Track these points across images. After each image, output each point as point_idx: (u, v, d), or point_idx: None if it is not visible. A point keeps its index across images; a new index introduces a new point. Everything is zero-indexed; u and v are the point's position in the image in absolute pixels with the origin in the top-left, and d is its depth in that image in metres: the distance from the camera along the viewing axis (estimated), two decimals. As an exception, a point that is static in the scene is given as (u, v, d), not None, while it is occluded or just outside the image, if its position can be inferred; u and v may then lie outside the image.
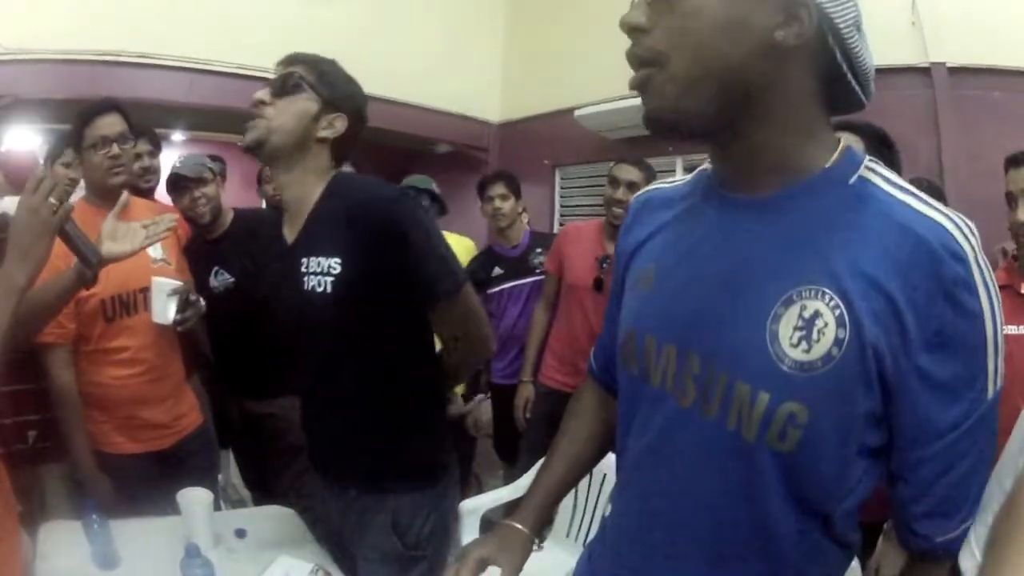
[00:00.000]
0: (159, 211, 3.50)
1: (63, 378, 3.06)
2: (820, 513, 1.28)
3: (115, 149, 3.09)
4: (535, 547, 1.71)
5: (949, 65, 4.87)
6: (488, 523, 3.64)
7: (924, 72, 4.91)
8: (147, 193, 4.24)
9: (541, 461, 1.80)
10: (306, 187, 2.32)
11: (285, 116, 2.25)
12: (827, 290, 1.18)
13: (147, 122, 4.56)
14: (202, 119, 8.24)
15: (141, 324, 3.16)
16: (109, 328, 3.11)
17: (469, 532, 3.51)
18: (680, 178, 1.57)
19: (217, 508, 3.03)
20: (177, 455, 3.33)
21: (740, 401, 1.24)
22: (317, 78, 2.30)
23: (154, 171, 4.38)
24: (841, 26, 1.18)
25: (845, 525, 1.31)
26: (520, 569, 1.62)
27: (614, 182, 4.54)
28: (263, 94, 2.28)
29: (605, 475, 3.31)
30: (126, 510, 2.99)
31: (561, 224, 7.54)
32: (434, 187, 5.23)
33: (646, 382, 1.42)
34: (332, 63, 2.40)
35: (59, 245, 2.09)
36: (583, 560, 1.72)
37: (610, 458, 1.69)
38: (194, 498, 2.62)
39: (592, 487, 3.53)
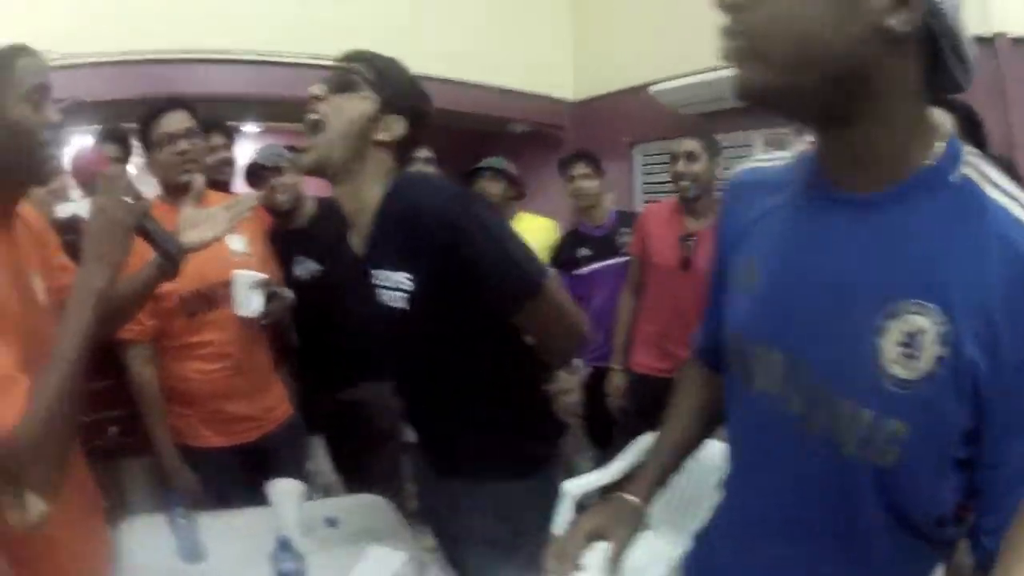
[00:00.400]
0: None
1: (143, 374, 3.09)
2: (913, 518, 1.24)
3: (182, 145, 3.09)
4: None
5: (1011, 36, 4.69)
6: (580, 507, 3.59)
7: (988, 43, 4.72)
8: (223, 186, 4.26)
9: (638, 442, 1.77)
10: (366, 195, 2.20)
11: (340, 118, 2.13)
12: (932, 305, 1.13)
13: (221, 115, 4.59)
14: (274, 110, 8.29)
15: (224, 318, 3.16)
16: (190, 323, 3.12)
17: (561, 515, 3.47)
18: (779, 156, 1.52)
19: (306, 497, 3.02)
20: (265, 447, 3.33)
21: (841, 416, 1.22)
22: (376, 76, 2.19)
23: (229, 163, 4.40)
24: (947, 9, 1.11)
25: (937, 527, 1.26)
26: (629, 543, 1.61)
27: (674, 157, 4.51)
28: (318, 89, 2.18)
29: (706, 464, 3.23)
30: (213, 504, 3.02)
31: (646, 203, 7.43)
32: (510, 168, 5.18)
33: (750, 386, 1.40)
34: (392, 61, 2.28)
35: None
36: (696, 548, 1.71)
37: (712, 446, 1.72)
38: (285, 489, 2.59)
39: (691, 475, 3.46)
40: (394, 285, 2.12)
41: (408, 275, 2.09)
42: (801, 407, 1.29)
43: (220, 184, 4.20)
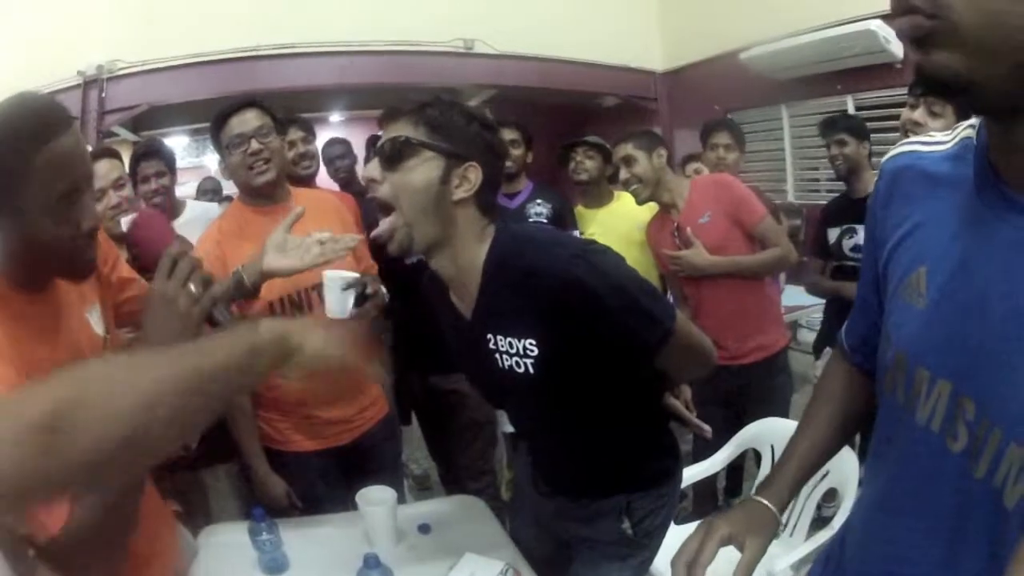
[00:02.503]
0: (322, 198, 3.48)
1: None
2: None
3: (253, 145, 2.98)
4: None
5: None
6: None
7: None
8: (306, 180, 4.25)
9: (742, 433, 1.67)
10: (465, 259, 2.01)
11: (407, 195, 1.92)
12: None
13: (301, 107, 4.59)
14: (358, 99, 8.33)
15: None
16: None
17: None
18: (936, 140, 1.32)
19: (399, 487, 2.97)
20: (360, 448, 3.26)
21: (1009, 463, 1.07)
22: (428, 131, 1.93)
23: (310, 157, 4.37)
24: None
25: None
26: (764, 552, 1.50)
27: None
28: (373, 171, 1.96)
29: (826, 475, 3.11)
30: (306, 508, 3.00)
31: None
32: (607, 145, 5.06)
33: (911, 415, 1.25)
34: (439, 103, 1.99)
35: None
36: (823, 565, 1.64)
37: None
38: (375, 499, 2.55)
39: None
40: (519, 352, 2.00)
41: (533, 341, 1.97)
42: (967, 447, 1.14)
43: (302, 179, 4.19)
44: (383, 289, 3.17)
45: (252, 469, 3.09)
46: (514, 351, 2.00)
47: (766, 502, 1.56)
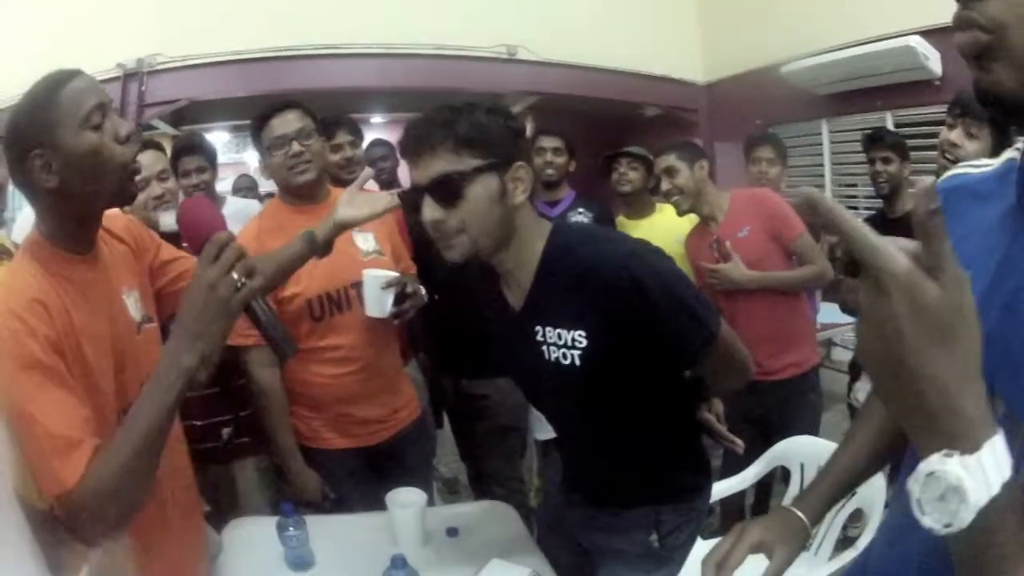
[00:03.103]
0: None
1: (265, 377, 3.06)
2: None
3: (295, 147, 3.03)
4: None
5: None
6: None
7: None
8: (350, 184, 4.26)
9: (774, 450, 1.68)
10: (525, 254, 2.07)
11: (476, 220, 1.94)
12: None
13: (342, 108, 4.59)
14: (400, 101, 8.35)
15: (354, 321, 3.09)
16: (317, 327, 3.07)
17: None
18: (984, 163, 1.36)
19: (428, 490, 2.98)
20: (391, 449, 3.28)
21: None
22: (469, 153, 1.91)
23: (357, 161, 4.35)
24: None
25: None
26: (791, 563, 1.54)
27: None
28: (433, 212, 1.94)
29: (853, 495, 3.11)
30: (333, 506, 3.02)
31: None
32: (650, 156, 5.05)
33: None
34: (461, 115, 1.95)
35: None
36: None
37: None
38: (404, 500, 2.56)
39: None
40: (567, 343, 2.04)
41: (583, 332, 2.01)
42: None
43: (347, 183, 4.22)
44: (422, 290, 3.20)
45: (286, 462, 3.11)
46: (562, 342, 2.04)
47: (800, 513, 1.58)
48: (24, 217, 4.93)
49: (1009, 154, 1.26)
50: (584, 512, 2.39)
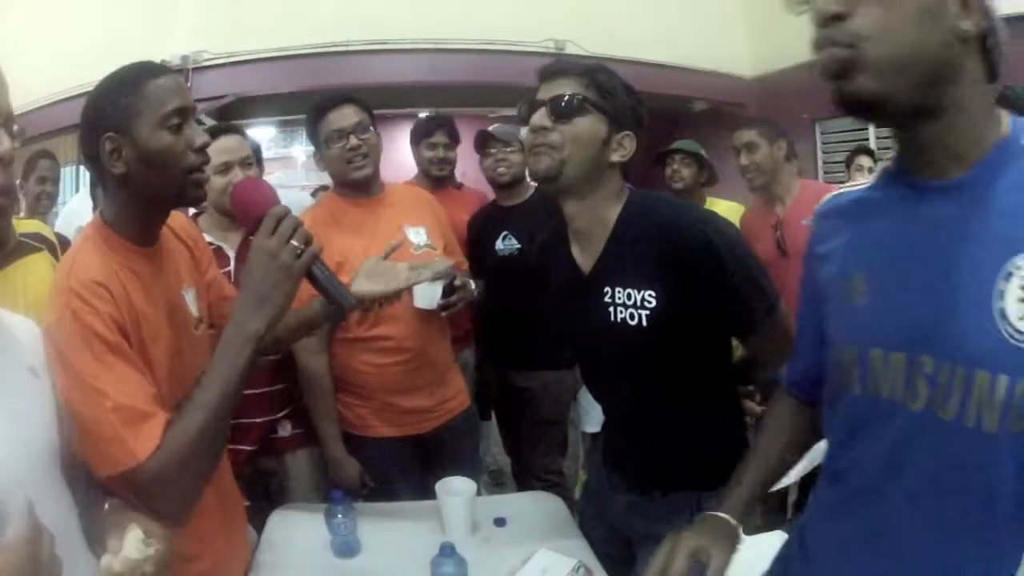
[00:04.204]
0: (417, 194, 3.53)
1: (313, 364, 3.09)
2: None
3: (352, 141, 3.06)
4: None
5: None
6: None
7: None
8: (442, 181, 4.46)
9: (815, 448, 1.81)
10: (601, 213, 2.16)
11: (575, 146, 2.07)
12: None
13: (390, 103, 4.63)
14: (447, 96, 8.38)
15: (404, 312, 3.10)
16: (366, 317, 3.08)
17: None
18: (860, 183, 1.59)
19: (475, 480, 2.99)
20: (439, 438, 3.29)
21: (979, 391, 1.23)
22: (598, 95, 2.10)
23: (449, 162, 4.53)
24: (992, 9, 1.26)
25: None
26: (729, 562, 1.61)
27: (736, 150, 4.27)
28: (542, 119, 2.08)
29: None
30: (379, 494, 3.04)
31: (827, 180, 7.21)
32: (703, 152, 5.05)
33: (874, 396, 1.40)
34: (606, 71, 2.16)
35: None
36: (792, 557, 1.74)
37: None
38: (454, 489, 2.57)
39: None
40: (636, 303, 2.10)
41: (652, 292, 2.07)
42: (930, 399, 1.30)
43: (437, 180, 4.51)
44: (471, 283, 3.21)
45: (327, 448, 3.15)
46: (631, 302, 2.10)
47: (727, 516, 1.70)
48: (69, 210, 4.97)
49: (881, 166, 1.52)
50: (626, 498, 2.39)
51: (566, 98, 2.08)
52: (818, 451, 3.46)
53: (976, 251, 1.25)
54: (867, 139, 7.08)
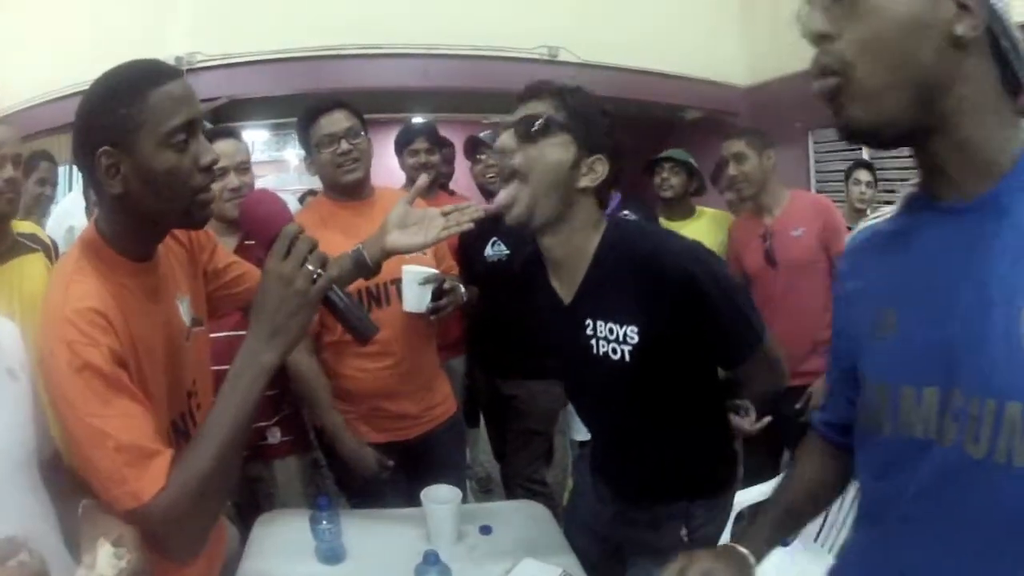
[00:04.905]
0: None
1: (303, 362, 3.07)
2: None
3: (343, 146, 3.08)
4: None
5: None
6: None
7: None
8: (427, 187, 4.28)
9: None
10: (577, 244, 2.10)
11: (540, 170, 1.99)
12: None
13: (383, 108, 4.61)
14: (440, 101, 8.39)
15: (392, 316, 3.10)
16: None
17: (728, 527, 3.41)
18: (888, 211, 1.51)
19: (461, 488, 2.99)
20: (425, 445, 3.29)
21: (1010, 423, 1.15)
22: (568, 116, 2.02)
23: (432, 166, 4.41)
24: (1001, 10, 1.19)
25: None
26: None
27: (724, 161, 4.27)
28: (506, 141, 2.03)
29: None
30: (367, 500, 3.05)
31: (819, 190, 7.23)
32: (692, 161, 5.05)
33: (907, 435, 1.31)
34: (579, 92, 2.09)
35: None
36: None
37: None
38: (440, 497, 2.57)
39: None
40: (619, 338, 2.06)
41: (635, 328, 2.04)
42: (956, 437, 1.22)
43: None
44: (461, 288, 3.21)
45: (338, 441, 3.12)
46: (613, 337, 2.07)
47: (745, 551, 1.62)
48: (61, 210, 4.95)
49: (905, 191, 1.43)
50: (614, 507, 2.40)
51: (532, 119, 2.01)
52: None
53: (1006, 272, 1.18)
54: (860, 149, 7.08)
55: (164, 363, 1.77)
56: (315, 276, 1.60)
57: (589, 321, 2.11)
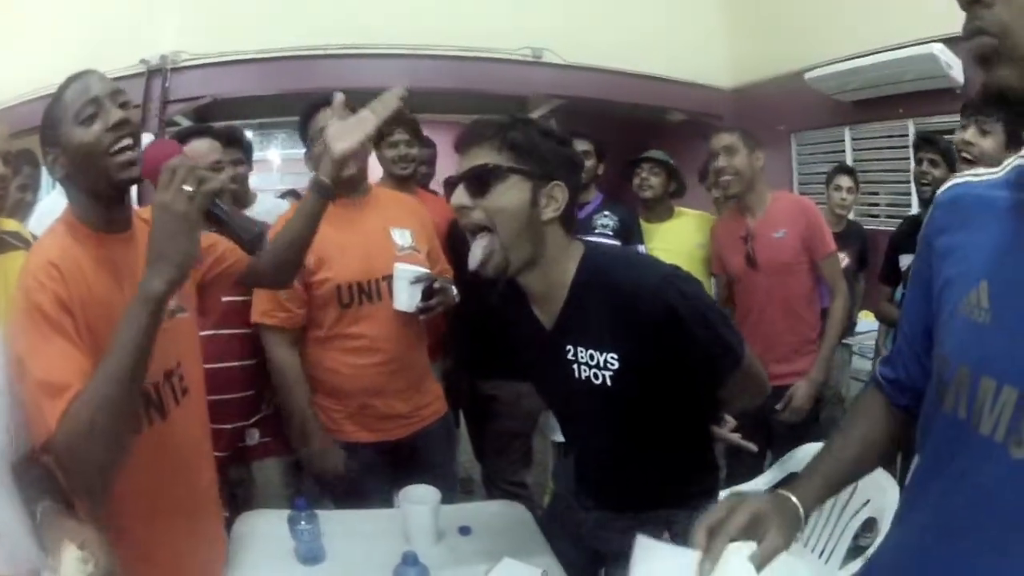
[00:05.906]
0: (402, 199, 3.53)
1: (284, 357, 3.08)
2: None
3: None
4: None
5: None
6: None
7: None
8: (406, 181, 4.26)
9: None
10: (555, 274, 2.09)
11: (503, 219, 1.98)
12: None
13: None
14: (425, 102, 8.41)
15: (382, 313, 3.11)
16: (344, 315, 3.08)
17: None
18: (988, 171, 1.42)
19: (451, 488, 2.98)
20: (413, 445, 3.28)
21: None
22: (514, 156, 1.99)
23: (412, 159, 4.34)
24: None
25: None
26: (782, 549, 1.44)
27: (712, 153, 4.19)
28: (462, 199, 2.00)
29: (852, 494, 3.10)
30: (349, 500, 3.02)
31: (802, 192, 7.24)
32: (672, 162, 5.05)
33: (974, 428, 1.24)
34: (521, 125, 2.05)
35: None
36: None
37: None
38: (417, 497, 2.56)
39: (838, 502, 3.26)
40: (599, 364, 2.07)
41: (615, 355, 2.04)
42: None
43: (402, 180, 4.28)
44: (453, 290, 3.21)
45: (307, 435, 3.11)
46: (594, 363, 2.07)
47: (796, 500, 1.52)
48: (44, 209, 4.95)
49: (1016, 162, 1.31)
50: (596, 515, 2.40)
51: (479, 172, 2.00)
52: (792, 460, 3.48)
53: None
54: (843, 151, 7.13)
55: None
56: (192, 195, 1.66)
57: (570, 347, 2.11)
